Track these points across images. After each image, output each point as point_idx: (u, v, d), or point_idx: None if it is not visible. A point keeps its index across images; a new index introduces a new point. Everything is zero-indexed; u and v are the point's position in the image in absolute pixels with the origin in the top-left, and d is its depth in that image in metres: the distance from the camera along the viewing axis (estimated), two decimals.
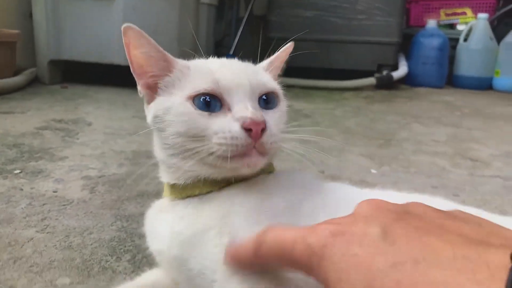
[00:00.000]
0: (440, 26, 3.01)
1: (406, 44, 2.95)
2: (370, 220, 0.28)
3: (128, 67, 0.48)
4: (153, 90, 0.47)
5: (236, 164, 0.41)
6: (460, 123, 1.67)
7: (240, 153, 0.41)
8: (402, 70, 2.71)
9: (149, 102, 0.48)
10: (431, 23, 2.88)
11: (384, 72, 2.65)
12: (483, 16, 2.81)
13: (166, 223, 0.45)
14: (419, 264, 0.24)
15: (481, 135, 1.46)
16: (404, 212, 0.30)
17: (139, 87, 0.48)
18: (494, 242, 0.25)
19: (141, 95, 0.49)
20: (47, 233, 0.67)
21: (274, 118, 0.45)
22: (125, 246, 0.64)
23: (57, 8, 2.09)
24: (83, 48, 2.11)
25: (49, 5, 2.07)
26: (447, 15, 3.15)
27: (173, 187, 0.47)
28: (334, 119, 1.69)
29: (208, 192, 0.45)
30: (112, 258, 0.61)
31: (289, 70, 3.05)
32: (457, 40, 2.96)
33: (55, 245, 0.64)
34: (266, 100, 0.46)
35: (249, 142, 0.40)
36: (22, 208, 0.76)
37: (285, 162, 0.68)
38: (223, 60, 0.50)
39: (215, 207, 0.43)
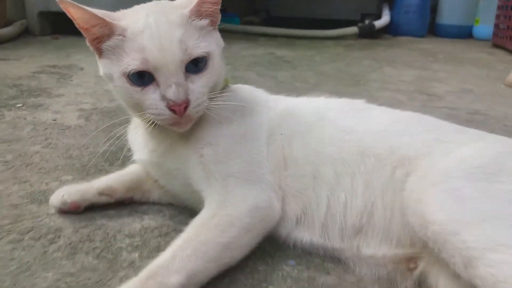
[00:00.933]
0: None
1: None
2: None
3: None
4: (97, 47, 0.52)
5: (170, 128, 0.51)
6: (430, 67, 1.79)
7: (170, 123, 0.50)
8: (384, 19, 2.78)
9: (98, 57, 0.53)
10: None
11: (367, 22, 2.72)
12: None
13: (142, 136, 0.58)
14: None
15: (445, 76, 1.59)
16: None
17: (87, 42, 0.52)
18: None
19: (89, 47, 0.53)
20: (51, 148, 0.80)
21: (201, 83, 0.50)
22: (116, 156, 0.77)
23: None
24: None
25: None
26: None
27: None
28: (312, 64, 1.80)
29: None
30: (106, 164, 0.74)
31: (274, 20, 3.11)
32: None
33: (58, 156, 0.77)
34: (194, 64, 0.50)
35: (175, 117, 0.48)
36: (27, 131, 0.88)
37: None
38: (159, 21, 0.50)
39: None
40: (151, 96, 0.48)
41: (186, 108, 0.47)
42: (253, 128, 0.57)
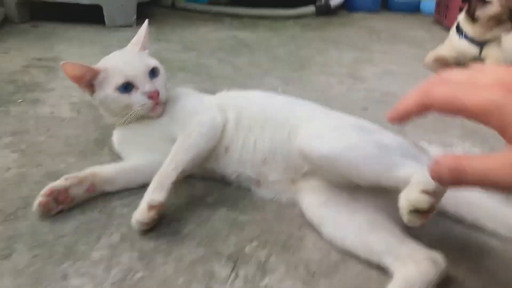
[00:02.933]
0: None
1: None
2: None
3: (91, 6, 0.87)
4: (89, 88, 0.82)
5: (150, 115, 0.82)
6: (369, 47, 2.07)
7: (150, 110, 0.81)
8: None
9: (91, 95, 0.83)
10: None
11: (323, 0, 2.96)
12: None
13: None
14: None
15: (378, 57, 1.87)
16: None
17: (81, 88, 0.82)
18: None
19: (83, 92, 0.84)
20: (53, 138, 1.06)
21: (160, 82, 0.84)
22: (104, 142, 1.03)
23: None
24: None
25: None
26: None
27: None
28: (269, 48, 2.05)
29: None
30: (97, 148, 1.01)
31: (239, 0, 3.30)
32: None
33: (60, 144, 1.03)
34: (152, 72, 0.83)
35: (153, 102, 0.81)
36: (31, 124, 1.13)
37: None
38: (123, 55, 0.86)
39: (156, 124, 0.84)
40: (135, 96, 0.80)
41: (158, 95, 0.80)
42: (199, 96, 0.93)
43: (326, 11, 2.93)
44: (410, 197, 0.54)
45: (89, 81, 0.81)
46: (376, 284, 0.61)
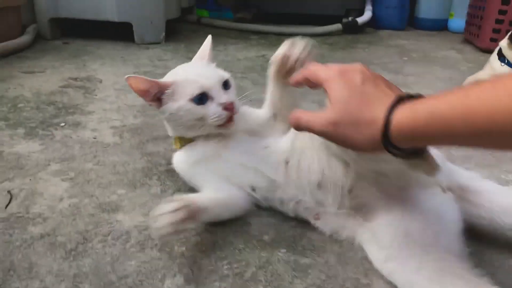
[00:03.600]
0: None
1: None
2: (355, 71, 0.58)
3: (121, 24, 0.85)
4: (156, 101, 0.80)
5: (223, 128, 0.80)
6: (402, 69, 2.05)
7: (226, 121, 0.79)
8: (366, 15, 3.02)
9: (158, 108, 0.81)
10: None
11: (350, 18, 2.95)
12: None
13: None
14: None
15: (413, 81, 1.85)
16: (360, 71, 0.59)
17: (147, 102, 0.80)
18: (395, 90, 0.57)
19: (150, 105, 0.81)
20: (100, 165, 1.06)
21: (232, 93, 0.82)
22: (152, 171, 1.03)
23: None
24: (79, 6, 2.36)
25: None
26: None
27: (182, 139, 0.86)
28: None
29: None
30: (146, 178, 1.00)
31: (264, 15, 3.31)
32: None
33: (108, 172, 1.02)
34: (225, 84, 0.81)
35: (229, 114, 0.78)
36: (77, 150, 1.13)
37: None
38: (194, 67, 0.86)
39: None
40: (211, 107, 0.78)
41: (233, 106, 0.78)
42: None
43: (353, 29, 2.92)
44: None
45: (156, 94, 0.79)
46: None
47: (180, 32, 2.83)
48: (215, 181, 0.83)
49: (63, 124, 1.29)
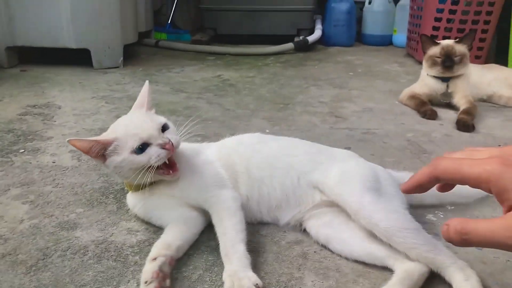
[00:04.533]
0: None
1: (323, 9, 3.43)
2: None
3: (79, 50, 0.91)
4: (100, 158, 0.85)
5: (168, 176, 0.87)
6: (347, 84, 2.21)
7: (165, 164, 0.85)
8: (316, 33, 3.20)
9: (102, 163, 0.86)
10: None
11: (301, 37, 3.12)
12: None
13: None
14: None
15: (356, 94, 2.01)
16: None
17: (92, 158, 0.86)
18: None
19: (95, 163, 0.90)
20: (59, 187, 1.12)
21: (172, 133, 0.88)
22: (109, 190, 1.11)
23: None
24: (36, 34, 2.40)
25: None
26: None
27: (136, 186, 0.92)
28: (253, 87, 2.17)
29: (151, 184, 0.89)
30: (103, 197, 1.08)
31: (221, 37, 3.44)
32: (363, 3, 3.47)
33: (67, 193, 1.09)
34: (164, 128, 0.87)
35: (168, 152, 0.84)
36: (36, 174, 1.19)
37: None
38: (133, 119, 0.90)
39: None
40: (151, 151, 0.84)
41: (172, 144, 0.84)
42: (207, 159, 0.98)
43: (304, 47, 3.08)
44: None
45: (99, 152, 0.85)
46: None
47: (138, 56, 2.91)
48: (169, 214, 0.91)
49: (22, 150, 1.35)
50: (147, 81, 0.99)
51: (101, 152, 0.85)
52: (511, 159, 0.44)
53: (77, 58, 2.52)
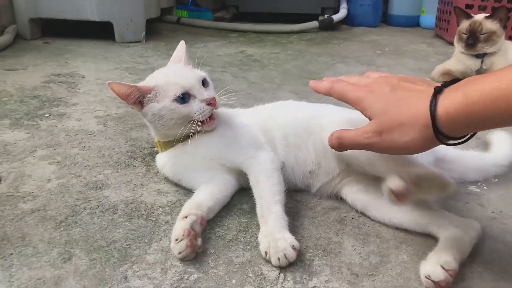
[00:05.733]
0: None
1: None
2: (382, 83, 0.61)
3: (101, 23, 0.88)
4: (138, 104, 0.83)
5: (205, 126, 0.84)
6: (375, 62, 2.14)
7: (208, 117, 0.83)
8: (342, 12, 3.12)
9: (139, 110, 0.84)
10: None
11: (326, 16, 3.04)
12: None
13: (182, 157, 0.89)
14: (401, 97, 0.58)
15: (385, 71, 1.94)
16: (390, 81, 0.61)
17: (129, 105, 0.83)
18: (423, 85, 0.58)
19: (132, 108, 0.85)
20: (86, 150, 1.10)
21: (212, 90, 0.86)
22: (136, 154, 1.08)
23: None
24: (59, 6, 2.38)
25: None
26: None
27: (166, 143, 0.90)
28: (278, 62, 2.12)
29: (184, 141, 0.86)
30: (131, 160, 1.05)
31: (243, 15, 3.38)
32: None
33: (94, 156, 1.07)
34: (204, 83, 0.85)
35: (212, 108, 0.82)
36: (63, 137, 1.17)
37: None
38: (173, 69, 0.88)
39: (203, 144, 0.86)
40: (194, 104, 0.82)
41: (215, 101, 0.82)
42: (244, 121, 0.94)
43: (329, 26, 3.01)
44: (390, 184, 0.66)
45: (137, 98, 0.83)
46: (415, 284, 0.65)
47: (159, 32, 2.87)
48: (200, 176, 0.87)
49: (47, 115, 1.33)
50: (182, 41, 0.96)
51: (140, 99, 0.83)
52: (376, 86, 0.60)
53: (99, 31, 2.49)
